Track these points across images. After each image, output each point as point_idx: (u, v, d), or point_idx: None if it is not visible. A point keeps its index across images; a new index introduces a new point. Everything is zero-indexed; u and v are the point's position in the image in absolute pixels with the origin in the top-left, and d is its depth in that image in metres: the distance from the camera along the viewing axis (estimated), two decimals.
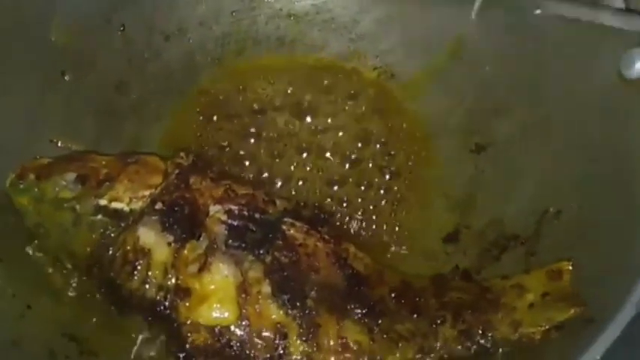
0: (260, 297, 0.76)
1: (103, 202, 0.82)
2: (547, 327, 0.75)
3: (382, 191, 1.00)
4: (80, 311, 0.82)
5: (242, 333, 0.75)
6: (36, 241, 0.84)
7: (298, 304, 0.76)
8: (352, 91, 1.08)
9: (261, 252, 0.79)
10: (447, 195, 0.98)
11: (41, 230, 0.84)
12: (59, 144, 0.95)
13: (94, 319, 0.82)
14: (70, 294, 0.83)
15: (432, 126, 1.04)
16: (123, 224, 0.81)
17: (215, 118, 1.05)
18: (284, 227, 0.82)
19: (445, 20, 1.03)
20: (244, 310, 0.75)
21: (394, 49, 1.08)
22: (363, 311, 0.77)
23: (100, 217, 0.81)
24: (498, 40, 0.98)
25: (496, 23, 0.98)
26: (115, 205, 0.82)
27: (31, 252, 0.84)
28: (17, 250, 0.83)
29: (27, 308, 0.79)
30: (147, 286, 0.77)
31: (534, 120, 0.94)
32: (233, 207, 0.82)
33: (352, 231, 0.97)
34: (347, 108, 1.06)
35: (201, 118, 1.05)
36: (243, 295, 0.76)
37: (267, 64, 1.10)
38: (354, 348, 0.76)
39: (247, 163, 1.02)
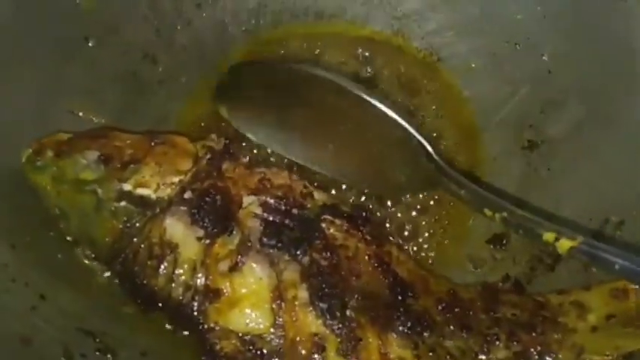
0: (297, 303, 0.69)
1: (127, 187, 0.75)
2: (614, 356, 0.68)
3: None
4: (101, 303, 0.75)
5: (276, 343, 0.69)
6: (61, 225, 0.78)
7: (338, 313, 0.69)
8: (395, 74, 0.99)
9: (299, 252, 0.72)
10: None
11: (61, 213, 0.77)
12: (80, 115, 0.87)
13: (115, 313, 0.75)
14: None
15: (481, 117, 0.96)
16: (149, 213, 0.74)
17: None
18: (323, 225, 0.75)
19: (501, 1, 0.94)
20: (279, 318, 0.69)
21: (442, 31, 1.00)
22: (408, 324, 0.71)
23: (123, 203, 0.74)
24: (560, 27, 0.90)
25: (561, 8, 0.89)
26: (140, 191, 0.74)
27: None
28: (32, 234, 0.75)
29: (40, 299, 0.71)
30: (173, 285, 0.71)
31: (594, 117, 0.86)
32: (269, 199, 0.75)
33: (392, 230, 0.89)
34: (389, 91, 0.98)
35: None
36: (278, 301, 0.69)
37: (303, 38, 1.02)
38: None
39: None
